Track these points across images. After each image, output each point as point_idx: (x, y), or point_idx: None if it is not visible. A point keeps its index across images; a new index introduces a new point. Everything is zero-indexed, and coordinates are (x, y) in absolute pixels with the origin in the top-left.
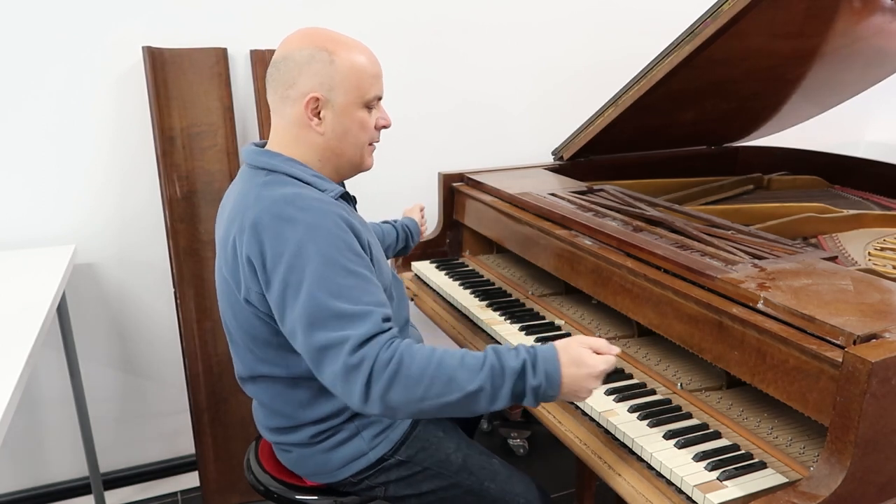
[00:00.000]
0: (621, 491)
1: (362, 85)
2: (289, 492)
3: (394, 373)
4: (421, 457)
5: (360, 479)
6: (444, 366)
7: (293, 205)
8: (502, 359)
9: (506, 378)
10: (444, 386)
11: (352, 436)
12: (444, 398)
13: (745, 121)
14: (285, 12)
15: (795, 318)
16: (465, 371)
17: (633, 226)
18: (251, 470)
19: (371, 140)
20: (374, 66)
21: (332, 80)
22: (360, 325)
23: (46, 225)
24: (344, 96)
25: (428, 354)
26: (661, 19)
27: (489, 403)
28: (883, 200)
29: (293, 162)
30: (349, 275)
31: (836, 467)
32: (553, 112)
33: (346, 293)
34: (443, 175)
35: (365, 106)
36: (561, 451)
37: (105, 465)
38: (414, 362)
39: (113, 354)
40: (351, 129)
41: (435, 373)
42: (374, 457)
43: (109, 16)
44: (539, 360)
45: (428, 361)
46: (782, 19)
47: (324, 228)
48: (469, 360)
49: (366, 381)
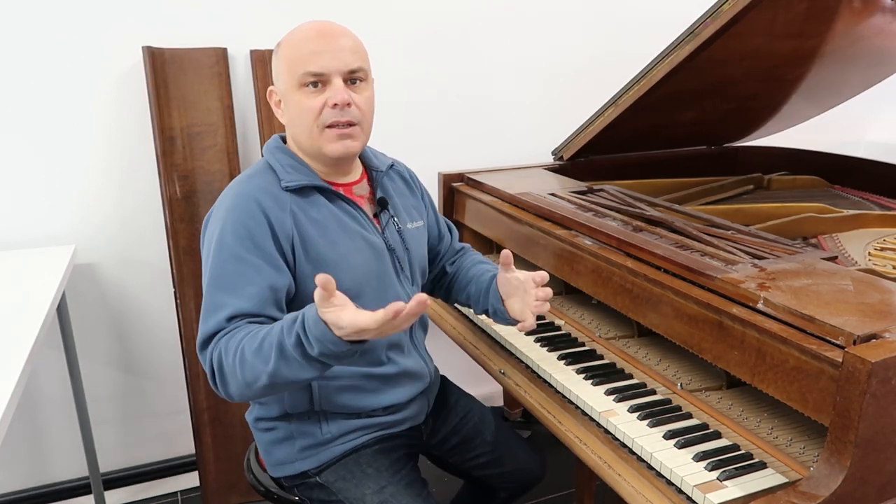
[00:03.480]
0: (621, 491)
1: (293, 66)
2: (285, 491)
3: (220, 368)
4: (339, 486)
5: (291, 486)
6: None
7: (230, 190)
8: (283, 334)
9: (293, 353)
10: (251, 372)
11: (286, 438)
12: (258, 382)
13: (745, 121)
14: (285, 12)
15: (795, 318)
16: (261, 356)
17: (633, 226)
18: (251, 470)
19: (321, 123)
20: (305, 43)
21: (277, 69)
22: (208, 320)
23: (46, 225)
24: (283, 83)
25: (238, 342)
26: (661, 19)
27: (297, 375)
28: (883, 200)
29: (280, 150)
30: (236, 261)
31: (836, 467)
32: (553, 112)
33: (222, 280)
34: (443, 175)
35: (301, 87)
36: (561, 451)
37: (105, 465)
38: (227, 353)
39: (113, 354)
40: (293, 115)
41: (241, 359)
42: (299, 468)
43: (109, 16)
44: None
45: (236, 350)
46: (782, 20)
47: (236, 212)
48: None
49: (211, 378)
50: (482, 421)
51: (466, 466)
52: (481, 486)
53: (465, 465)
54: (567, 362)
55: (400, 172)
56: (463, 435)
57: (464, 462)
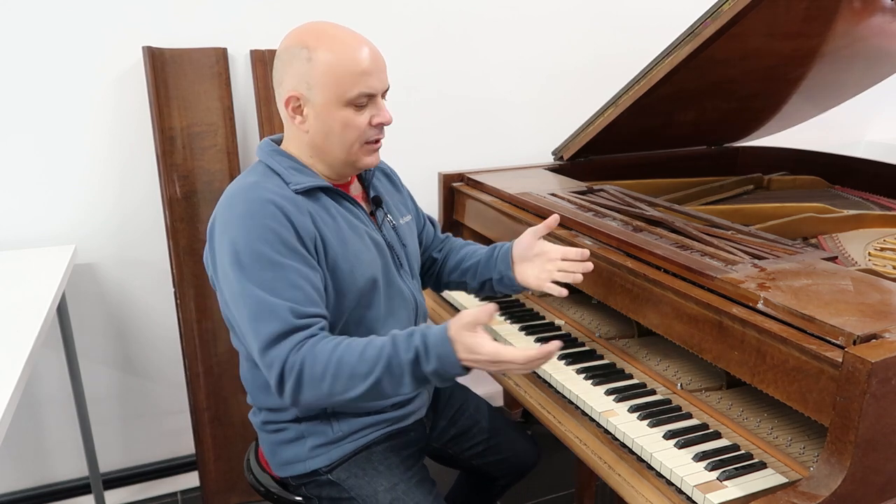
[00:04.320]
0: (621, 491)
1: (341, 84)
2: (289, 492)
3: (300, 374)
4: (350, 483)
5: (299, 485)
6: (343, 363)
7: (237, 196)
8: (398, 349)
9: (403, 368)
10: (346, 382)
11: (296, 438)
12: (348, 393)
13: (745, 121)
14: (285, 12)
15: (795, 318)
16: (364, 365)
17: (633, 226)
18: (251, 470)
19: (363, 139)
20: (357, 63)
21: (311, 78)
22: (270, 323)
23: (46, 225)
24: (322, 95)
25: (329, 352)
26: (662, 19)
27: (395, 390)
28: (883, 200)
29: (277, 153)
30: (272, 267)
31: (836, 467)
32: (553, 112)
33: (267, 285)
34: (443, 175)
35: (349, 105)
36: (561, 451)
37: (105, 465)
38: (317, 361)
39: (113, 354)
40: (333, 128)
41: (336, 371)
42: (310, 466)
43: (109, 16)
44: (430, 347)
45: (329, 359)
46: (782, 20)
47: (256, 218)
48: (368, 353)
49: (278, 381)
50: (477, 410)
51: (465, 456)
52: (480, 475)
53: (463, 455)
54: (567, 362)
55: (383, 170)
56: (460, 426)
57: (462, 452)
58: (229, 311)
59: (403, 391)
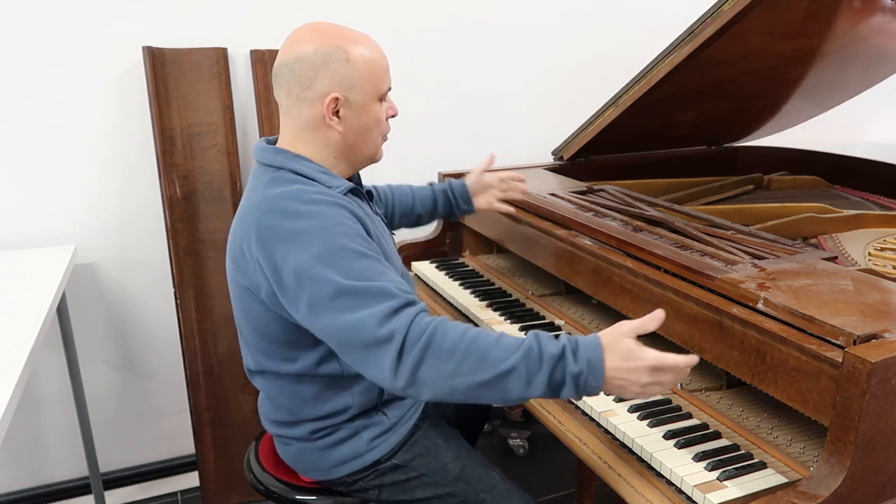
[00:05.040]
0: (621, 491)
1: (377, 80)
2: (289, 492)
3: (426, 345)
4: (417, 462)
5: (355, 480)
6: (478, 342)
7: (297, 199)
8: (542, 343)
9: (543, 362)
10: (476, 363)
11: (351, 436)
12: (475, 376)
13: (745, 121)
14: (285, 12)
15: (795, 318)
16: (499, 350)
17: (633, 226)
18: (251, 470)
19: (383, 132)
20: (384, 58)
21: (351, 78)
22: (386, 299)
23: (46, 225)
24: (362, 94)
25: (463, 329)
26: (661, 19)
27: (523, 388)
28: (883, 200)
29: (300, 159)
30: (362, 257)
31: (836, 467)
32: (553, 112)
33: (363, 274)
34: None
35: (381, 100)
36: (561, 452)
37: (105, 465)
38: (447, 336)
39: (113, 354)
40: (369, 124)
41: (468, 348)
42: (370, 459)
43: (109, 16)
44: (581, 348)
45: (462, 336)
46: (782, 20)
47: (329, 219)
48: (505, 341)
49: (397, 353)
50: None
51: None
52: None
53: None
54: None
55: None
56: None
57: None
58: (315, 321)
59: (529, 393)
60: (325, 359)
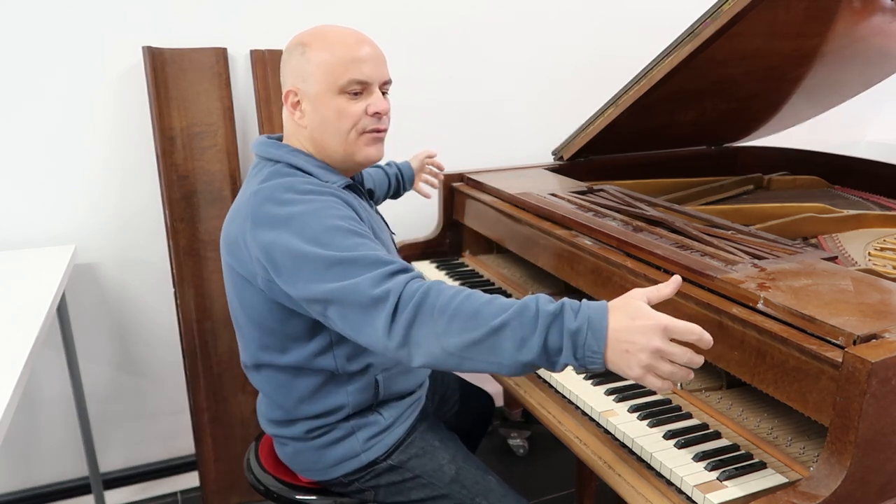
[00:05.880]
0: (621, 491)
1: (334, 71)
2: (289, 492)
3: (419, 304)
4: (413, 464)
5: (351, 481)
6: (471, 300)
7: (292, 189)
8: (539, 301)
9: (539, 318)
10: (467, 320)
11: (346, 435)
12: (466, 334)
13: (745, 121)
14: (285, 12)
15: (795, 318)
16: (493, 307)
17: (633, 226)
18: (251, 470)
19: (359, 128)
20: (349, 50)
21: (305, 71)
22: (381, 265)
23: (46, 225)
24: (316, 85)
25: (457, 289)
26: (661, 19)
27: (516, 349)
28: (883, 200)
29: (297, 152)
30: (354, 235)
31: (836, 467)
32: (553, 112)
33: (356, 248)
34: (443, 175)
35: (342, 92)
36: (561, 451)
37: (105, 465)
38: (441, 295)
39: (113, 354)
40: (328, 117)
41: (461, 305)
42: (366, 459)
43: (109, 16)
44: (584, 306)
45: (455, 294)
46: (782, 20)
47: (322, 203)
48: (500, 300)
49: (391, 313)
50: (444, 374)
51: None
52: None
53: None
54: None
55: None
56: (441, 393)
57: (444, 415)
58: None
59: (523, 356)
60: (320, 352)
